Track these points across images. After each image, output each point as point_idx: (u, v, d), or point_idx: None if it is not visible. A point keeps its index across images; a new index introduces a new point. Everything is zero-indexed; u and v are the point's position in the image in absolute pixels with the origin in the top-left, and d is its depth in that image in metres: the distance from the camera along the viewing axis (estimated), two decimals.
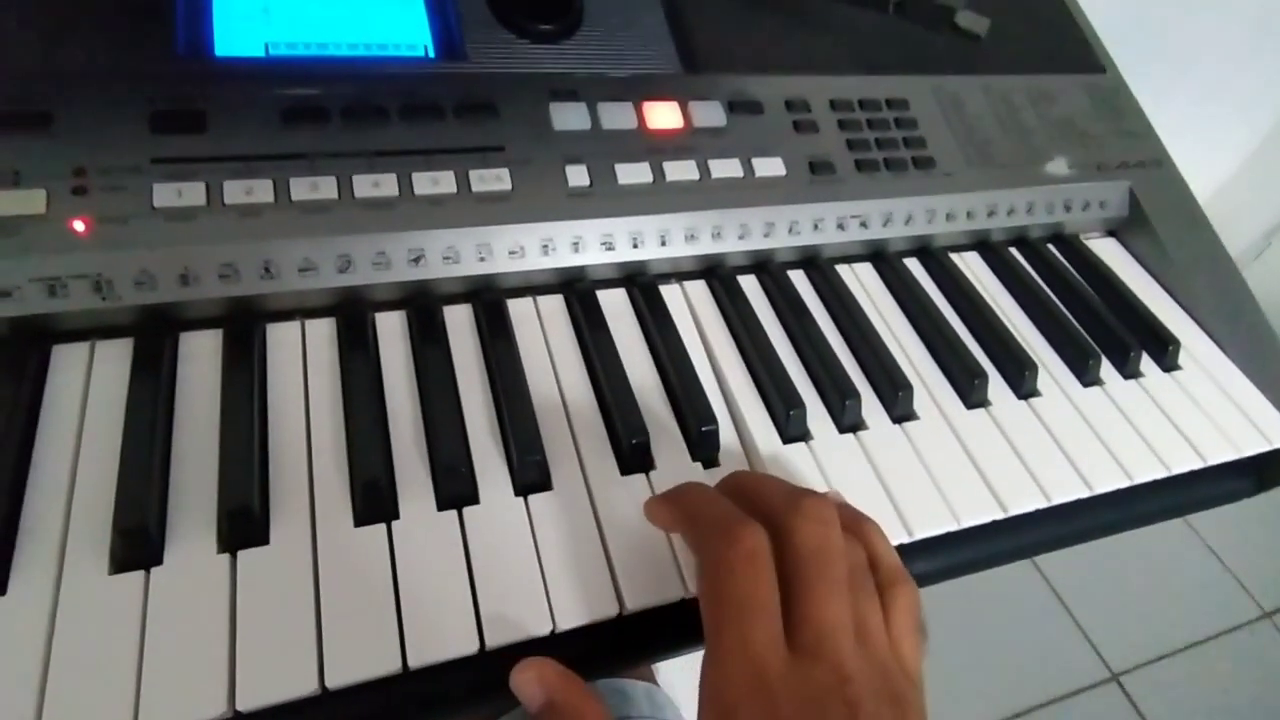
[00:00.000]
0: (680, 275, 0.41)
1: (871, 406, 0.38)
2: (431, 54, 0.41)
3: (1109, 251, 0.50)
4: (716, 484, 0.30)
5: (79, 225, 0.31)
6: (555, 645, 0.28)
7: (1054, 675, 1.19)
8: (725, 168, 0.41)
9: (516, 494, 0.31)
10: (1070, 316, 0.44)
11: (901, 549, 0.33)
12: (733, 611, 0.24)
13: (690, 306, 0.40)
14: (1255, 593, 1.35)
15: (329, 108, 0.36)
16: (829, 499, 0.27)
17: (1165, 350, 0.43)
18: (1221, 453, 0.40)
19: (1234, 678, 1.23)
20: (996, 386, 0.40)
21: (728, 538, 0.25)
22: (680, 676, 0.27)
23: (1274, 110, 1.55)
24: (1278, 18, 1.31)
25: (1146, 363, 0.43)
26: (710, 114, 0.42)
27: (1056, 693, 1.17)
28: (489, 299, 0.37)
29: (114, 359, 0.32)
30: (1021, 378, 0.40)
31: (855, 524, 0.29)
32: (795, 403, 0.36)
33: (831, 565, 0.25)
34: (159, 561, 0.27)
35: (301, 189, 0.34)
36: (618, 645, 0.30)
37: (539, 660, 0.26)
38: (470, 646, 0.27)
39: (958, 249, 0.47)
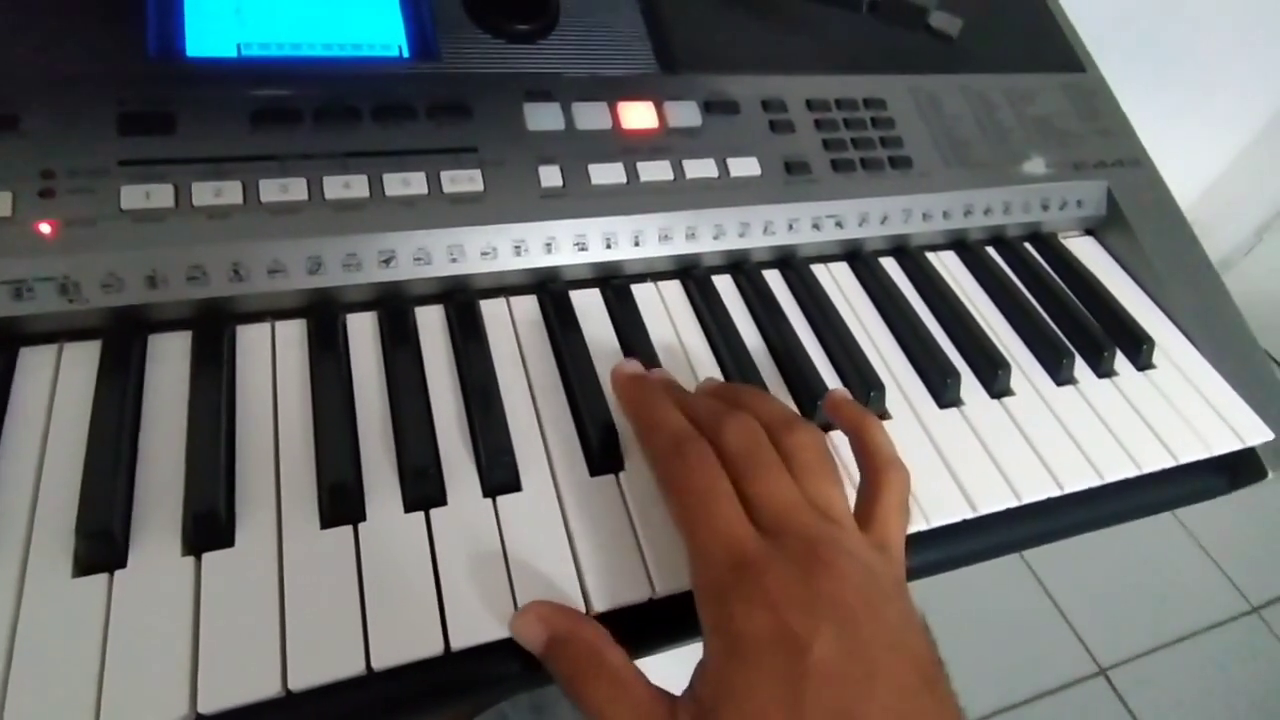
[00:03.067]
0: (655, 275, 0.41)
1: None
2: (405, 54, 0.41)
3: (1086, 250, 0.50)
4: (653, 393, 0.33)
5: (45, 228, 0.31)
6: (522, 649, 0.28)
7: (1041, 669, 1.20)
8: (700, 168, 0.41)
9: (485, 495, 0.31)
10: (1045, 315, 0.45)
11: None
12: (697, 503, 0.27)
13: (665, 306, 0.40)
14: (1243, 587, 1.36)
15: (301, 108, 0.36)
16: (750, 420, 0.30)
17: (1139, 349, 0.43)
18: (1193, 451, 0.40)
19: (1221, 672, 1.24)
20: (969, 385, 0.40)
21: (680, 452, 0.29)
22: (652, 676, 0.27)
23: (1266, 106, 1.55)
24: (1268, 12, 1.31)
25: (1121, 361, 0.44)
26: (686, 114, 0.42)
27: (1044, 687, 1.18)
28: (461, 300, 0.37)
29: (82, 361, 0.32)
30: (994, 377, 0.40)
31: (842, 409, 0.34)
32: None
33: (760, 455, 0.28)
34: (123, 564, 0.27)
35: (271, 190, 0.34)
36: None
37: (533, 602, 0.28)
38: (435, 648, 0.27)
39: (934, 248, 0.48)
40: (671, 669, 0.28)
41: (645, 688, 0.26)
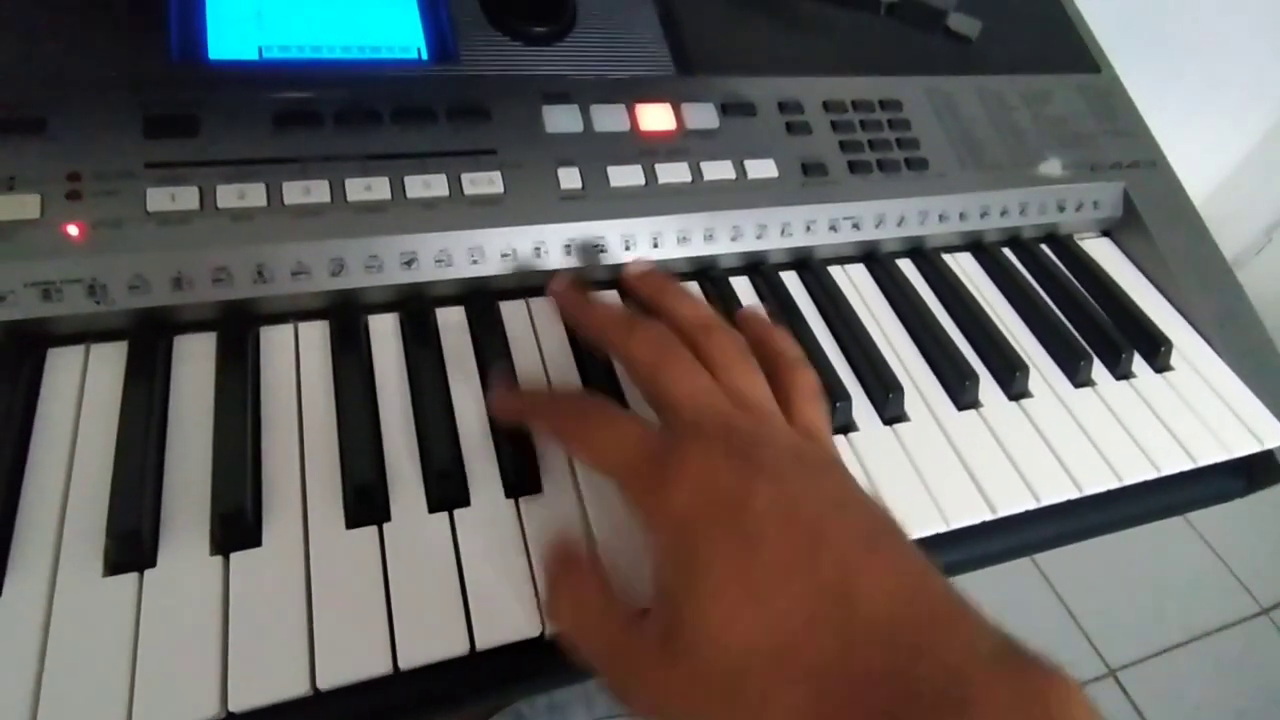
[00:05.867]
0: (673, 277, 0.41)
1: (862, 408, 0.38)
2: (424, 56, 0.41)
3: (1103, 252, 0.50)
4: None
5: (73, 230, 0.31)
6: (546, 648, 0.29)
7: None
8: (717, 169, 0.41)
9: (507, 496, 0.31)
10: (1062, 317, 0.44)
11: None
12: (593, 438, 0.28)
13: None
14: (1253, 589, 1.35)
15: (322, 111, 0.36)
16: (659, 327, 0.30)
17: (1157, 351, 0.43)
18: (1212, 453, 0.40)
19: (1231, 674, 1.23)
20: (987, 387, 0.40)
21: (575, 411, 0.29)
22: None
23: (1275, 105, 1.54)
24: (1277, 11, 1.30)
25: (1138, 363, 0.43)
26: (703, 116, 0.42)
27: None
28: (481, 301, 0.37)
29: (109, 362, 0.32)
30: (1012, 379, 0.40)
31: (749, 323, 0.33)
32: None
33: (670, 353, 0.29)
34: (153, 564, 0.27)
35: (294, 192, 0.34)
36: None
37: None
38: (460, 647, 0.27)
39: (951, 250, 0.48)
40: None
41: (618, 613, 0.26)
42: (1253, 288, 0.50)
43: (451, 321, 0.37)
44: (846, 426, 0.37)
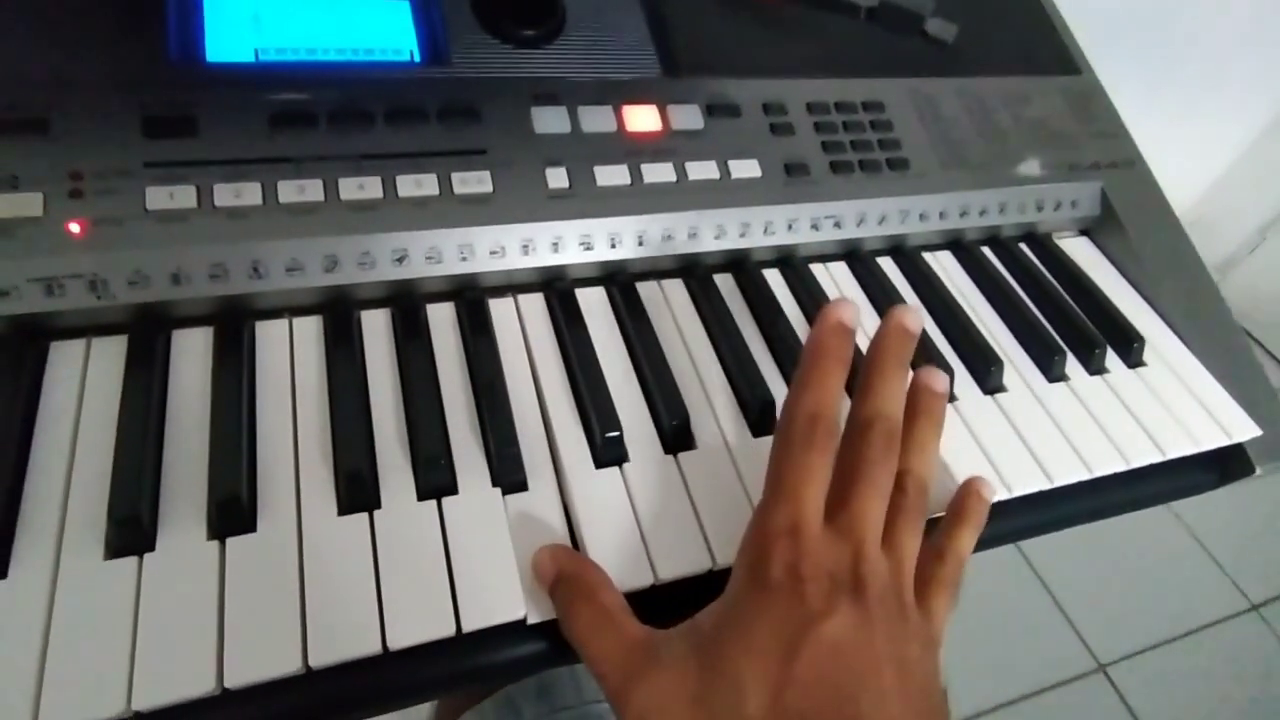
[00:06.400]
0: (658, 274, 0.43)
1: None
2: (417, 59, 0.42)
3: (1080, 250, 0.51)
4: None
5: (75, 227, 0.32)
6: (529, 633, 0.30)
7: (1041, 666, 1.21)
8: (702, 170, 0.42)
9: (494, 485, 0.33)
10: (1038, 314, 0.46)
11: None
12: (795, 472, 0.29)
13: (668, 304, 0.41)
14: (1242, 585, 1.37)
15: (316, 112, 0.37)
16: (896, 449, 0.31)
17: (1130, 347, 0.44)
18: (1181, 447, 0.41)
19: (1221, 670, 1.25)
20: (963, 381, 0.41)
21: (810, 430, 0.29)
22: None
23: (1269, 104, 1.55)
24: (1272, 11, 1.31)
25: (1112, 359, 0.45)
26: (688, 117, 0.43)
27: (1043, 683, 1.19)
28: (471, 297, 0.38)
29: (109, 355, 0.33)
30: (987, 373, 0.41)
31: (963, 515, 0.34)
32: (766, 398, 0.37)
33: (880, 477, 0.30)
34: (151, 548, 0.28)
35: (289, 191, 0.35)
36: None
37: (549, 545, 0.31)
38: (447, 630, 0.28)
39: (931, 248, 0.49)
40: None
41: (633, 626, 0.28)
42: (1247, 286, 0.51)
43: (441, 317, 0.38)
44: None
